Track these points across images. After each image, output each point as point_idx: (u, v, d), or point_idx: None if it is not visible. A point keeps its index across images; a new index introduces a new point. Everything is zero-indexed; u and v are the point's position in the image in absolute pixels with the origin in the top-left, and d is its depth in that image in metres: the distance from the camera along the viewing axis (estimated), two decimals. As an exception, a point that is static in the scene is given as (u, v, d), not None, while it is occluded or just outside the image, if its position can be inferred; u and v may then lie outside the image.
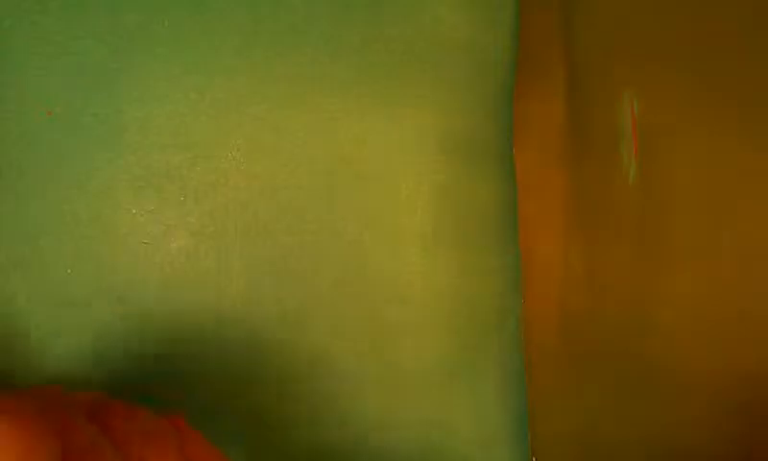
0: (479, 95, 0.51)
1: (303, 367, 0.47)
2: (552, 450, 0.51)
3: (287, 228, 0.47)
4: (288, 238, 0.47)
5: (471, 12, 0.51)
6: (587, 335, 0.47)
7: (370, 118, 0.48)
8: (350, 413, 0.47)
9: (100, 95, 0.45)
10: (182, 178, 0.45)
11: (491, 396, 0.50)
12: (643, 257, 0.41)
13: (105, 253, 0.44)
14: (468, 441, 0.50)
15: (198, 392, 0.45)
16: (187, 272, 0.45)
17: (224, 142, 0.46)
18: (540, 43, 0.52)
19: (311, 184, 0.47)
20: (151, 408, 0.42)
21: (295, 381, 0.47)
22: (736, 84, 0.34)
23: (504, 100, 0.52)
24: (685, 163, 0.38)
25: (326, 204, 0.47)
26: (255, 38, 0.47)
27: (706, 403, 0.36)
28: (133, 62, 0.45)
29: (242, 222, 0.46)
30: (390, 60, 0.49)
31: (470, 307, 0.50)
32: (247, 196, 0.46)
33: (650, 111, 0.41)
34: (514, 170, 0.53)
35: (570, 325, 0.49)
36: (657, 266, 0.40)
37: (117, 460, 0.28)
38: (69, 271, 0.44)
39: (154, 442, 0.31)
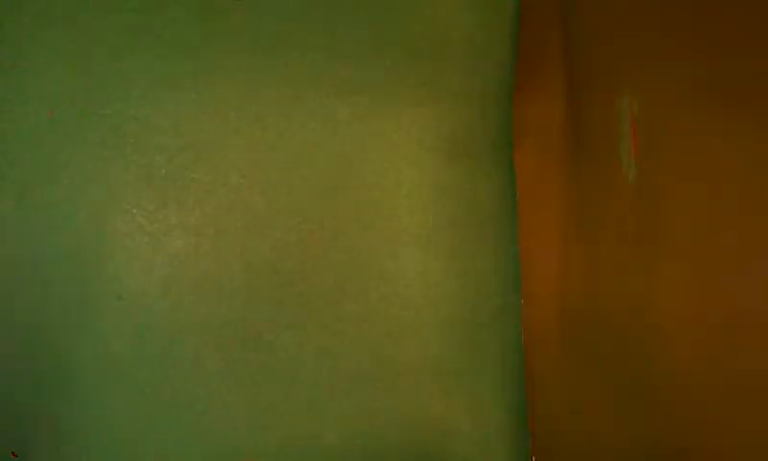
0: (479, 95, 0.51)
1: (304, 367, 0.47)
2: (552, 450, 0.51)
3: (287, 228, 0.47)
4: (288, 238, 0.47)
5: (471, 11, 0.51)
6: (586, 335, 0.47)
7: (370, 118, 0.48)
8: (350, 413, 0.47)
9: (100, 95, 0.45)
10: (182, 178, 0.45)
11: (490, 396, 0.50)
12: (643, 257, 0.41)
13: (105, 253, 0.44)
14: (468, 441, 0.50)
15: (197, 391, 0.45)
16: (187, 272, 0.45)
17: (224, 142, 0.46)
18: (540, 43, 0.52)
19: (311, 185, 0.47)
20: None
21: (295, 381, 0.47)
22: (737, 83, 0.34)
23: (504, 100, 0.52)
24: (685, 163, 0.38)
25: (326, 204, 0.47)
26: (255, 38, 0.47)
27: (706, 403, 0.36)
28: (133, 62, 0.45)
29: (242, 222, 0.46)
30: (390, 61, 0.49)
31: (470, 307, 0.50)
32: (247, 196, 0.46)
33: (650, 111, 0.41)
34: (513, 170, 0.53)
35: (570, 325, 0.49)
36: (656, 266, 0.40)
37: None
38: (70, 271, 0.44)
39: None
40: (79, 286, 0.44)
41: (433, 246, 0.49)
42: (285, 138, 0.47)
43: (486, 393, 0.50)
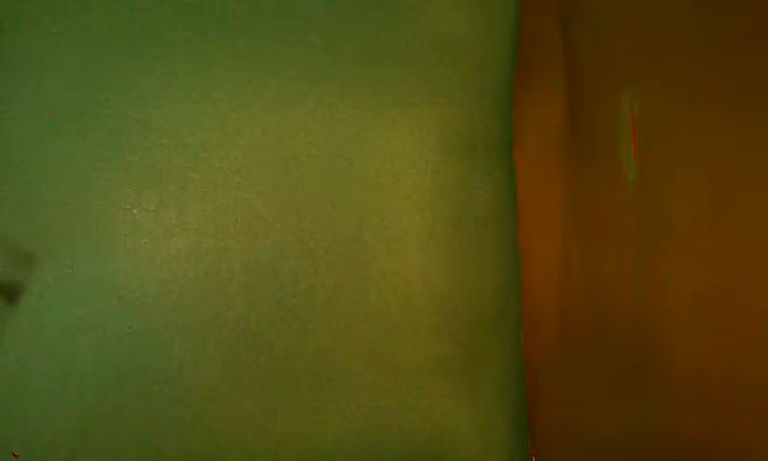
0: (479, 95, 0.51)
1: (304, 367, 0.47)
2: (552, 450, 0.51)
3: (287, 228, 0.47)
4: (288, 238, 0.47)
5: (471, 12, 0.51)
6: (586, 335, 0.47)
7: (369, 118, 0.48)
8: (350, 413, 0.47)
9: (100, 95, 0.45)
10: (182, 178, 0.45)
11: (491, 396, 0.50)
12: (643, 257, 0.41)
13: (105, 253, 0.44)
14: (468, 441, 0.50)
15: (197, 391, 0.45)
16: (187, 272, 0.45)
17: (224, 142, 0.46)
18: (540, 43, 0.52)
19: (311, 184, 0.47)
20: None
21: (295, 381, 0.47)
22: (737, 83, 0.34)
23: (504, 100, 0.52)
24: (685, 163, 0.38)
25: (326, 204, 0.47)
26: (255, 38, 0.47)
27: (706, 403, 0.36)
28: (133, 62, 0.45)
29: (242, 222, 0.46)
30: (390, 61, 0.49)
31: (470, 307, 0.50)
32: (247, 196, 0.46)
33: (650, 111, 0.41)
34: (514, 170, 0.53)
35: (570, 324, 0.49)
36: (656, 266, 0.40)
37: None
38: (70, 270, 0.44)
39: None
40: (78, 286, 0.44)
41: (433, 246, 0.49)
42: (285, 138, 0.47)
43: (486, 393, 0.50)
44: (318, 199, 0.47)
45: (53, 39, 0.44)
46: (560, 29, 0.50)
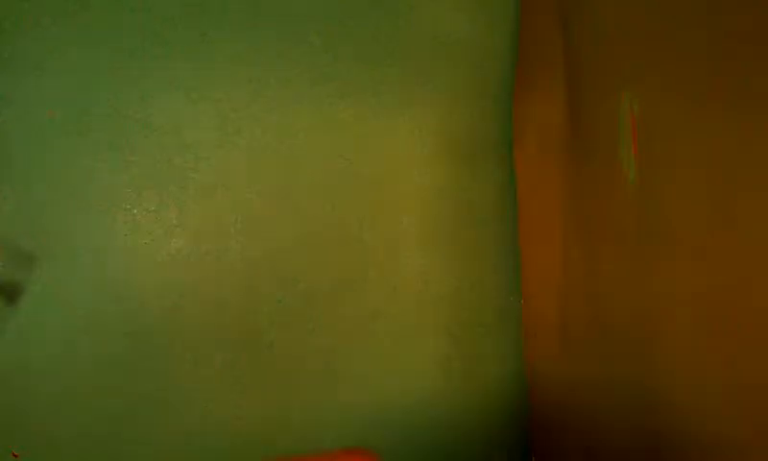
0: (479, 95, 0.51)
1: (304, 367, 0.47)
2: (552, 450, 0.51)
3: (287, 227, 0.47)
4: (288, 238, 0.47)
5: (471, 12, 0.51)
6: (586, 335, 0.47)
7: (370, 118, 0.48)
8: (350, 412, 0.47)
9: (100, 95, 0.45)
10: (183, 178, 0.45)
11: (490, 396, 0.50)
12: (643, 257, 0.41)
13: (105, 253, 0.44)
14: (468, 441, 0.50)
15: (197, 392, 0.45)
16: (187, 272, 0.45)
17: (224, 142, 0.46)
18: (540, 43, 0.52)
19: (311, 184, 0.47)
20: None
21: (295, 381, 0.47)
22: (737, 83, 0.34)
23: (504, 100, 0.52)
24: (685, 163, 0.38)
25: (326, 204, 0.47)
26: (255, 40, 0.47)
27: (707, 401, 0.36)
28: (134, 63, 0.45)
29: (242, 222, 0.46)
30: (390, 61, 0.49)
31: (470, 307, 0.50)
32: (247, 196, 0.46)
33: (650, 111, 0.41)
34: (513, 170, 0.53)
35: (570, 324, 0.49)
36: (656, 266, 0.40)
37: None
38: (70, 270, 0.44)
39: None
40: (79, 286, 0.44)
41: (433, 246, 0.49)
42: (285, 138, 0.47)
43: (486, 393, 0.50)
44: (318, 199, 0.47)
45: (53, 39, 0.44)
46: (560, 29, 0.50)
